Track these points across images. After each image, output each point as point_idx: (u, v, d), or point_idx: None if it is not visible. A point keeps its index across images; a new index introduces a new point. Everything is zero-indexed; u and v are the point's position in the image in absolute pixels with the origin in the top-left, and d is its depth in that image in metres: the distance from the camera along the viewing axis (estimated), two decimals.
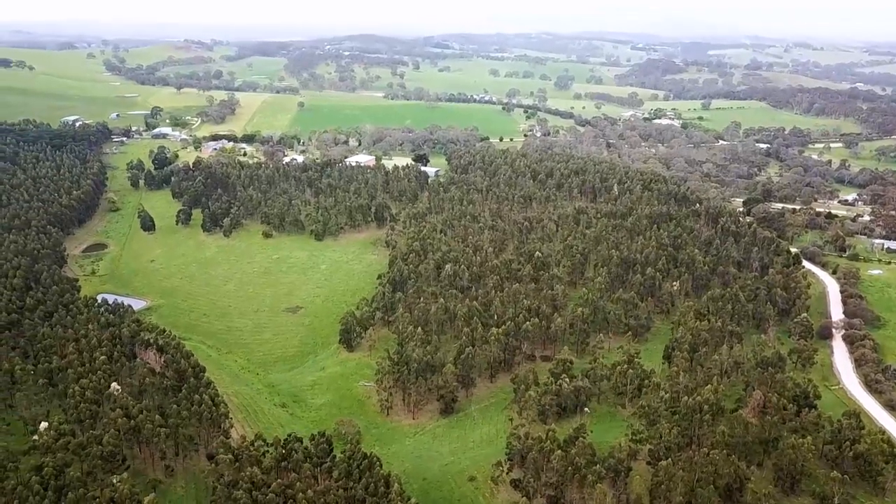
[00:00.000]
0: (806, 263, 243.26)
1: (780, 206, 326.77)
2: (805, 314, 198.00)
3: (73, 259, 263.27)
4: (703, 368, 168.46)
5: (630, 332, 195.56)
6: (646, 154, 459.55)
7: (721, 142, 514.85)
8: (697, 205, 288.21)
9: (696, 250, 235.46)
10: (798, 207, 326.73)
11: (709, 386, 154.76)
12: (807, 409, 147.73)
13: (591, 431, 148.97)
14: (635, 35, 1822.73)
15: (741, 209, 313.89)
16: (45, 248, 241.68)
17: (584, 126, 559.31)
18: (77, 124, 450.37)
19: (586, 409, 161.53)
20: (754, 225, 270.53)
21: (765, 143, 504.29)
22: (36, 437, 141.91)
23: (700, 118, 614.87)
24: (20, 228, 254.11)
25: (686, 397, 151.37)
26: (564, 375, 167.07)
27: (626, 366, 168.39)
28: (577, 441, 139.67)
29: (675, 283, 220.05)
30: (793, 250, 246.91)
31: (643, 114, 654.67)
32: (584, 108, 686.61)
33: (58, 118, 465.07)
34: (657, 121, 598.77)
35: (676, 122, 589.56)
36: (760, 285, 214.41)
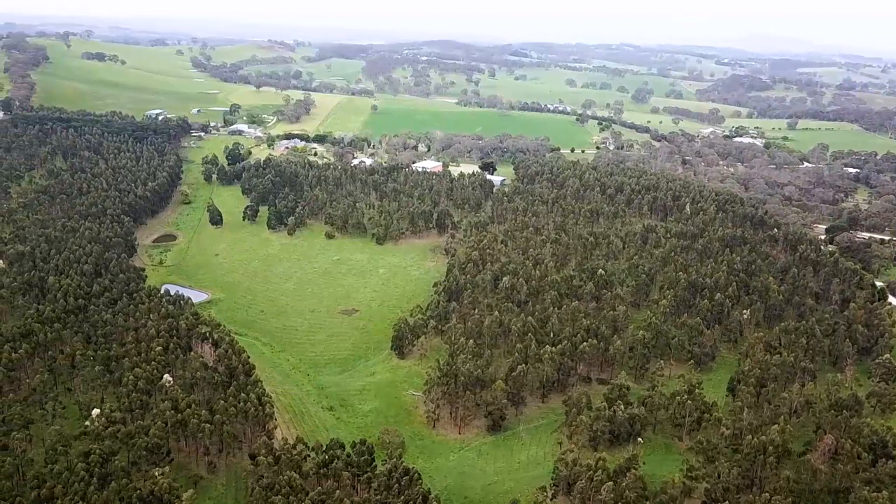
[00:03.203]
0: (892, 299, 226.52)
1: (866, 235, 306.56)
2: (888, 355, 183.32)
3: (143, 249, 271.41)
4: (770, 405, 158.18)
5: (693, 361, 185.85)
6: (723, 173, 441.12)
7: (806, 164, 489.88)
8: (775, 230, 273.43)
9: (771, 278, 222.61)
10: (887, 238, 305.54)
11: (775, 425, 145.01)
12: (884, 459, 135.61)
13: (644, 463, 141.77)
14: (722, 50, 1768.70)
15: (823, 237, 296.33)
16: (118, 236, 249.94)
17: (659, 141, 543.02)
18: (160, 118, 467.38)
19: (640, 439, 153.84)
20: (836, 254, 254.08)
21: (854, 167, 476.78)
22: (88, 422, 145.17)
23: (785, 138, 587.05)
24: (96, 216, 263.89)
25: (749, 435, 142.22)
26: (620, 401, 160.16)
27: (686, 396, 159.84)
28: (629, 472, 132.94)
29: (745, 311, 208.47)
30: (878, 284, 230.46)
31: (723, 131, 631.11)
32: (661, 122, 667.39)
33: (143, 111, 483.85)
34: (738, 139, 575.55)
35: (759, 142, 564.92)
36: (839, 320, 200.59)
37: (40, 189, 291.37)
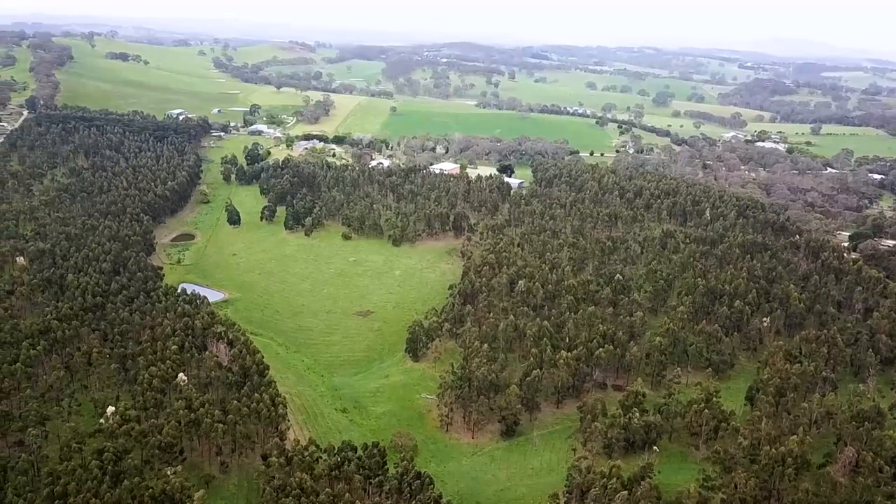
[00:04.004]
0: None
1: (891, 243, 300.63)
2: None
3: (162, 247, 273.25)
4: (789, 416, 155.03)
5: (711, 368, 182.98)
6: (745, 178, 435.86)
7: (829, 170, 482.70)
8: (797, 236, 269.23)
9: (792, 285, 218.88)
10: None
11: (795, 436, 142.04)
12: None
13: (659, 472, 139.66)
14: (745, 53, 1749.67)
15: (846, 244, 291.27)
16: (136, 235, 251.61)
17: (680, 145, 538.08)
18: (180, 117, 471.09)
19: (655, 447, 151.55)
20: (860, 262, 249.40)
21: (879, 173, 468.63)
22: (102, 420, 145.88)
23: (808, 143, 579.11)
24: (116, 215, 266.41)
25: (768, 446, 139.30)
26: (635, 408, 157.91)
27: (703, 404, 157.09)
28: (644, 481, 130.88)
29: (765, 318, 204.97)
30: None
31: (745, 135, 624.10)
32: (681, 126, 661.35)
33: (164, 111, 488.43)
34: (760, 143, 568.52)
35: (781, 146, 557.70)
36: (862, 329, 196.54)
37: (62, 187, 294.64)
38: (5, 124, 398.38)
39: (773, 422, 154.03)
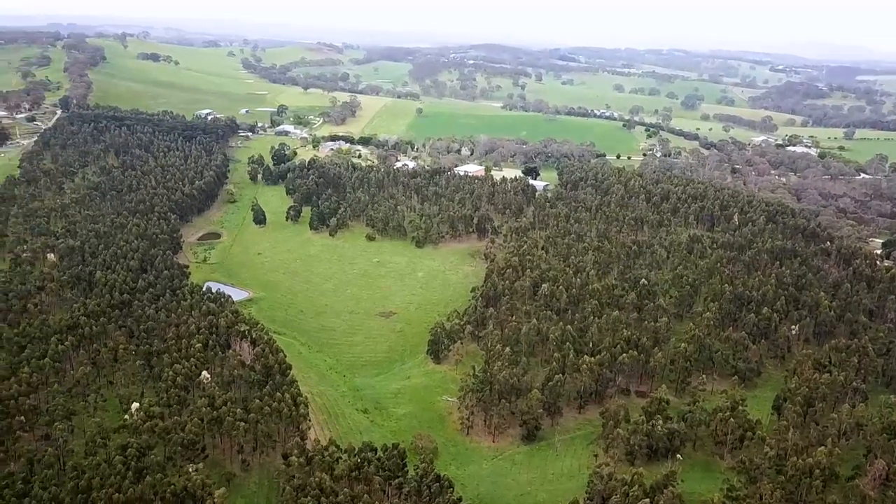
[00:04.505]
0: None
1: None
2: None
3: (188, 246, 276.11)
4: (817, 426, 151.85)
5: (737, 376, 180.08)
6: (775, 183, 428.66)
7: (863, 175, 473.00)
8: (828, 243, 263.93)
9: (822, 293, 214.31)
10: None
11: (823, 447, 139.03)
12: None
13: (682, 481, 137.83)
14: (777, 56, 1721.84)
15: (879, 251, 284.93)
16: (164, 233, 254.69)
17: (708, 149, 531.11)
18: (209, 118, 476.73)
19: (679, 455, 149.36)
20: (893, 270, 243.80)
21: None
22: (127, 416, 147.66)
23: (841, 148, 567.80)
24: (144, 213, 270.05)
25: (795, 457, 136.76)
26: (659, 415, 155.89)
27: (728, 413, 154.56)
28: (666, 489, 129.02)
29: (793, 326, 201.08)
30: None
31: (776, 140, 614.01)
32: (710, 129, 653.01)
33: (193, 111, 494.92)
34: (791, 148, 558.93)
35: (813, 151, 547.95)
36: (895, 339, 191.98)
37: (92, 185, 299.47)
38: (39, 123, 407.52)
39: (800, 432, 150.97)
